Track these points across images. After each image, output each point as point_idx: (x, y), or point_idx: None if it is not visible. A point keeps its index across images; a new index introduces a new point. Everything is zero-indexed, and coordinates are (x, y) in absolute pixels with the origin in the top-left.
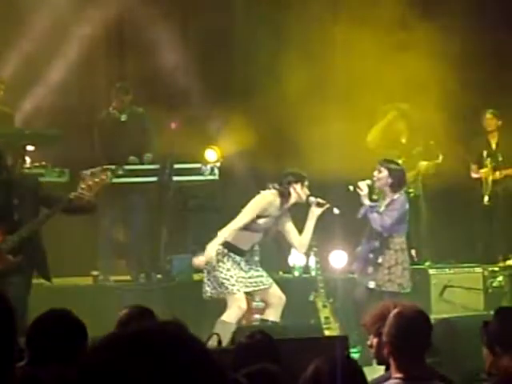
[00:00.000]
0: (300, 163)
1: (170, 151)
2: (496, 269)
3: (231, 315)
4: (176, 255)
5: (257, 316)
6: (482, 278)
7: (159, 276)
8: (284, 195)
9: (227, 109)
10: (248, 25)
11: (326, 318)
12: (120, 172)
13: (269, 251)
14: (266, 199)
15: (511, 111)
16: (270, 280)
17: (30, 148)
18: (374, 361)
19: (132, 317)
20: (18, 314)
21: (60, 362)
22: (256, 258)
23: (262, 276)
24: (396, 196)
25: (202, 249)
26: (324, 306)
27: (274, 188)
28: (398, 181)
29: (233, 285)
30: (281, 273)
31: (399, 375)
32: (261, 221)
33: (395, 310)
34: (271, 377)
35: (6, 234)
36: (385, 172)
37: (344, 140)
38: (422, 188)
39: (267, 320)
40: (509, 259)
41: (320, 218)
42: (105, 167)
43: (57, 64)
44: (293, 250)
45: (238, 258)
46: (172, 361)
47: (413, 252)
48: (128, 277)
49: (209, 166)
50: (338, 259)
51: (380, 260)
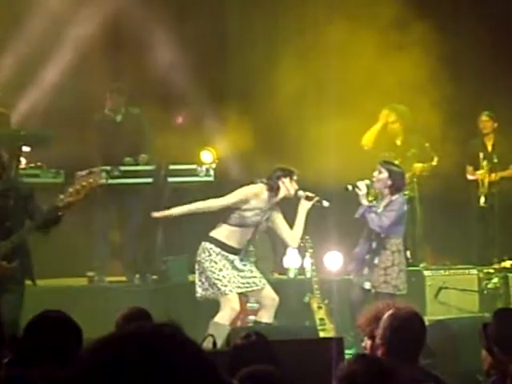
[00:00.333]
0: (296, 164)
1: (166, 152)
2: (491, 271)
3: (224, 316)
4: (171, 256)
5: (251, 317)
6: (477, 280)
7: (154, 277)
8: (273, 189)
9: (223, 110)
10: (244, 26)
11: (321, 320)
12: (115, 173)
13: (264, 252)
14: (252, 190)
15: (507, 113)
16: (264, 281)
17: (26, 149)
18: None
19: (129, 318)
20: (13, 320)
21: (54, 363)
22: (251, 259)
23: (256, 277)
24: (395, 197)
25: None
26: (319, 308)
27: (262, 182)
28: (398, 183)
29: (225, 285)
30: (276, 274)
31: None
32: (248, 214)
33: (389, 312)
34: (270, 378)
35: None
36: (385, 173)
37: (341, 141)
38: (418, 190)
39: (260, 322)
40: (504, 261)
41: (317, 221)
42: (92, 170)
43: (52, 65)
44: (288, 252)
45: (232, 257)
46: (167, 363)
47: (408, 253)
48: (123, 278)
49: (204, 168)
50: (334, 260)
51: (376, 261)
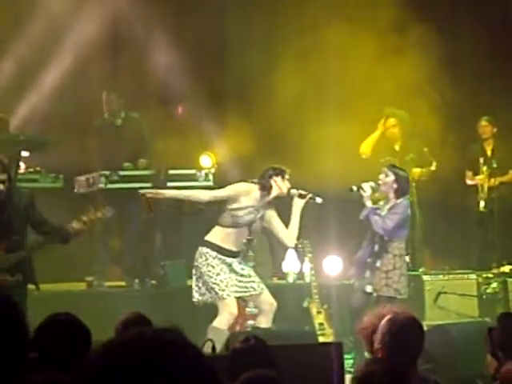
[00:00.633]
0: (296, 168)
1: (165, 157)
2: (490, 275)
3: (222, 321)
4: (170, 261)
5: (250, 322)
6: (476, 285)
7: (153, 282)
8: (265, 188)
9: (222, 114)
10: (243, 29)
11: (321, 325)
12: (114, 178)
13: (263, 257)
14: (243, 187)
15: (506, 117)
16: (262, 286)
17: (25, 154)
18: None
19: (128, 323)
20: None
21: (60, 367)
22: (250, 264)
23: (254, 281)
24: (399, 200)
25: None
26: (318, 313)
27: (253, 182)
28: (403, 187)
29: (223, 290)
30: (275, 279)
31: None
32: (240, 213)
33: (387, 317)
34: (270, 383)
35: (4, 250)
36: (392, 177)
37: (341, 144)
38: (416, 194)
39: (259, 327)
40: (503, 266)
41: (316, 225)
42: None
43: (51, 69)
44: (287, 256)
45: (229, 260)
46: (168, 369)
47: (407, 258)
48: (122, 282)
49: (203, 172)
50: (333, 265)
51: (378, 264)
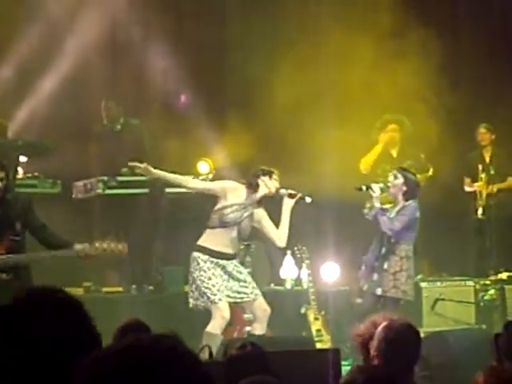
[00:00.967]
0: (294, 173)
1: (162, 163)
2: (487, 282)
3: (215, 325)
4: (167, 267)
5: (248, 328)
6: (474, 292)
7: (151, 287)
8: (251, 186)
9: (221, 120)
10: (242, 35)
11: (318, 331)
12: (112, 183)
13: (260, 264)
14: (230, 183)
15: (505, 125)
16: (256, 292)
17: (23, 159)
18: None
19: (126, 329)
20: None
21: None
22: (247, 270)
23: (247, 287)
24: (408, 203)
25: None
26: (316, 319)
27: (242, 182)
28: (412, 190)
29: (214, 294)
30: (272, 285)
31: None
32: (226, 211)
33: (384, 323)
34: None
35: (5, 250)
36: (401, 179)
37: (340, 149)
38: None
39: (254, 334)
40: (500, 273)
41: (313, 231)
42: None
43: (50, 74)
44: (284, 263)
45: (222, 262)
46: (167, 375)
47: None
48: (120, 288)
49: (201, 178)
50: (330, 271)
51: (385, 266)
